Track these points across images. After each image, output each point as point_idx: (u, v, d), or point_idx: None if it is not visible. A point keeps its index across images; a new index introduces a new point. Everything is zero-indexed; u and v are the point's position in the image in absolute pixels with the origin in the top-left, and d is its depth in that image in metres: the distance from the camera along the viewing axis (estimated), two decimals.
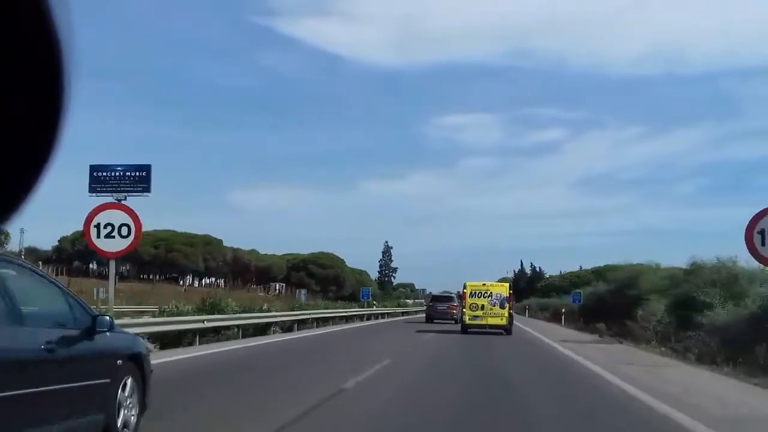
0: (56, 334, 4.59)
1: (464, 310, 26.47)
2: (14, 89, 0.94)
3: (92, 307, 6.28)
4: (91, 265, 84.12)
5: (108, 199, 13.03)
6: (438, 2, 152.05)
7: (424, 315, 39.22)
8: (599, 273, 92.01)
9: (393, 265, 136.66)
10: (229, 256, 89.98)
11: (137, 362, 5.69)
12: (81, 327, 4.94)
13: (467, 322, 25.98)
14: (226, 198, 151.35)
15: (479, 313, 25.75)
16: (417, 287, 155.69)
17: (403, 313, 60.89)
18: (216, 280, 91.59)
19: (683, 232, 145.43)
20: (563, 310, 39.52)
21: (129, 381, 5.44)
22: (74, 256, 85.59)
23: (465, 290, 26.71)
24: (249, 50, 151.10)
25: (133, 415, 5.50)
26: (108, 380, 5.14)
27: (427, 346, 19.90)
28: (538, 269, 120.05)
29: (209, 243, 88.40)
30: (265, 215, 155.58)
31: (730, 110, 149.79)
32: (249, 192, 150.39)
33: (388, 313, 51.78)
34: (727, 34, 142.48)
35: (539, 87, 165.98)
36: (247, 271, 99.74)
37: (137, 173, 13.52)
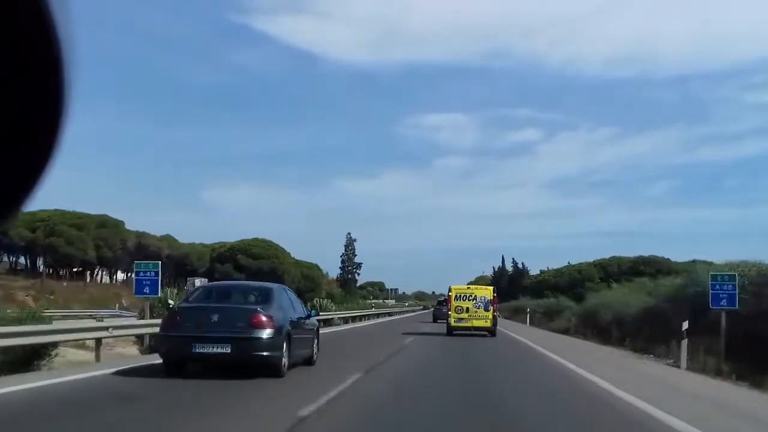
0: (301, 315, 12.19)
1: (449, 312, 26.69)
2: (14, 89, 0.92)
3: None
4: None
5: None
6: (415, 2, 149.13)
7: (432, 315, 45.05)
8: (603, 267, 75.55)
9: (357, 260, 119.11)
10: (131, 242, 69.67)
11: (317, 329, 13.46)
12: (306, 314, 12.69)
13: (453, 324, 26.17)
14: (197, 196, 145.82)
15: (464, 315, 26.11)
16: (390, 287, 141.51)
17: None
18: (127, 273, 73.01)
19: (655, 235, 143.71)
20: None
21: (315, 336, 12.85)
22: None
23: (450, 293, 27.12)
24: (223, 47, 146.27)
25: (317, 352, 12.82)
26: (311, 336, 12.56)
27: None
28: (521, 266, 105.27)
29: (104, 225, 68.19)
30: (233, 213, 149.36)
31: (702, 113, 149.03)
32: (220, 190, 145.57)
33: None
34: (699, 38, 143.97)
35: (515, 88, 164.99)
36: None
37: None
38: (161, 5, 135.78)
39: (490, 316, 25.78)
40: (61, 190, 47.16)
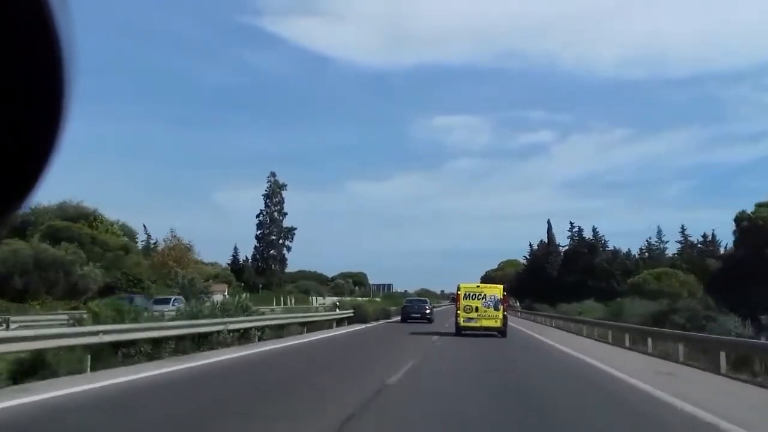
0: (431, 306, 46.72)
1: (458, 312, 26.43)
2: (14, 89, 0.93)
3: None
4: None
5: None
6: (426, 3, 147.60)
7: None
8: None
9: (287, 223, 72.70)
10: None
11: (433, 310, 46.72)
12: (432, 306, 47.87)
13: (462, 324, 26.02)
14: (209, 197, 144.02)
15: (473, 315, 25.89)
16: (378, 282, 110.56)
17: None
18: None
19: (668, 235, 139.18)
20: None
21: (433, 312, 44.93)
22: None
23: (459, 292, 26.71)
24: (235, 49, 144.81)
25: (434, 318, 42.55)
26: (433, 312, 44.93)
27: None
28: (593, 235, 70.97)
29: None
30: (244, 215, 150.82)
31: (717, 113, 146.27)
32: (231, 191, 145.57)
33: None
34: (713, 37, 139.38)
35: (527, 89, 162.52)
36: None
37: None
38: (173, 8, 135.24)
39: (501, 316, 25.73)
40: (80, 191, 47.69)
